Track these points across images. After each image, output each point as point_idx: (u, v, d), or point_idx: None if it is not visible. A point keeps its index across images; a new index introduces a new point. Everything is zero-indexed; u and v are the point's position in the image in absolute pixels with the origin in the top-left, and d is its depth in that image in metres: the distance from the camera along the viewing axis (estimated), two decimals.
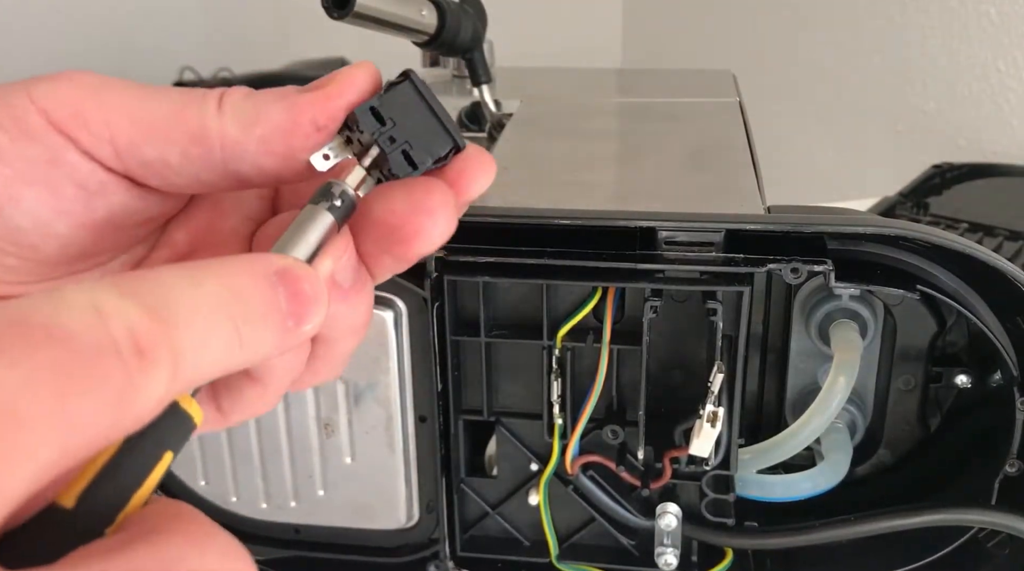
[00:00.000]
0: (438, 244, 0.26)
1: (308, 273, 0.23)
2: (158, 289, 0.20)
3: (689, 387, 0.46)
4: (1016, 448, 0.43)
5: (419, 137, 0.26)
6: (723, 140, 0.58)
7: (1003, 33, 1.12)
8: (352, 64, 0.26)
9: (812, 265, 0.40)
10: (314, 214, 0.25)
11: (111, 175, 0.26)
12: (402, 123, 0.26)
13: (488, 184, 0.28)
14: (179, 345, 0.20)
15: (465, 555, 0.49)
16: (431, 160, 0.26)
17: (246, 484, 0.48)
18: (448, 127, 0.26)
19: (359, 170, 0.26)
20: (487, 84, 0.66)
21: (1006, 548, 0.45)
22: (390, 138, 0.26)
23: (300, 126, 0.26)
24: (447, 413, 0.46)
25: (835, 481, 0.46)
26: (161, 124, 0.26)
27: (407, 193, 0.26)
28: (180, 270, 0.21)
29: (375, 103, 0.26)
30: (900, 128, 1.29)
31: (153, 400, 0.19)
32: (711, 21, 1.75)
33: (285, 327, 0.23)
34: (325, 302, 0.24)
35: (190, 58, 1.71)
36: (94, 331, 0.18)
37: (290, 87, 0.26)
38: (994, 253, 0.39)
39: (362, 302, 0.27)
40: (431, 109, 0.26)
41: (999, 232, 0.83)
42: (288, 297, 0.23)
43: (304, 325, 0.23)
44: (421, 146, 0.26)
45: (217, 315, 0.21)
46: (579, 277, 0.42)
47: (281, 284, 0.23)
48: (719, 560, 0.47)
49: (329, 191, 0.26)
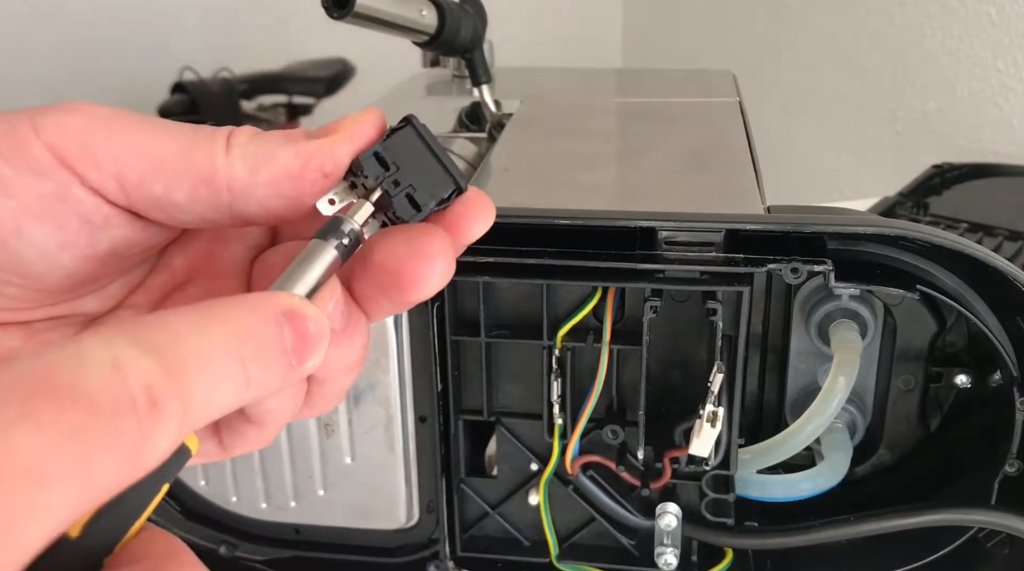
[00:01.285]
0: (436, 290, 0.27)
1: (313, 312, 0.24)
2: (171, 338, 0.21)
3: (689, 387, 0.46)
4: (1016, 448, 0.43)
5: (422, 180, 0.27)
6: (723, 140, 0.58)
7: (1003, 33, 1.12)
8: (359, 110, 0.27)
9: (812, 265, 0.40)
10: (320, 250, 0.26)
11: (115, 209, 0.26)
12: (405, 167, 0.27)
13: (487, 227, 0.28)
14: (190, 393, 0.21)
15: (465, 555, 0.49)
16: (434, 202, 0.27)
17: (246, 484, 0.48)
18: (450, 169, 0.27)
19: (368, 207, 0.27)
20: (487, 84, 0.66)
21: (1006, 548, 0.45)
22: (394, 182, 0.27)
23: (308, 172, 0.26)
24: (447, 413, 0.46)
25: (835, 481, 0.46)
26: (171, 162, 0.26)
27: (408, 239, 0.26)
28: (191, 315, 0.22)
29: (379, 149, 0.27)
30: (900, 128, 1.29)
31: (164, 450, 0.20)
32: (711, 21, 1.75)
33: (289, 365, 0.23)
34: (327, 340, 0.24)
35: (190, 58, 1.71)
36: (114, 389, 0.19)
37: (298, 131, 0.27)
38: (994, 253, 0.39)
39: (356, 342, 0.28)
40: (433, 152, 0.27)
41: (999, 232, 0.83)
42: (294, 336, 0.23)
43: (306, 362, 0.24)
44: (424, 189, 0.27)
45: (226, 358, 0.22)
46: (579, 277, 0.42)
47: (288, 324, 0.23)
48: (719, 560, 0.47)
49: (338, 228, 0.26)
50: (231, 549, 0.50)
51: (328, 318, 0.26)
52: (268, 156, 0.26)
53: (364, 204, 0.27)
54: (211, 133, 0.27)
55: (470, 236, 0.28)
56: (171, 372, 0.20)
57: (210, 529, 0.51)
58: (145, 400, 0.20)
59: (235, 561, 0.51)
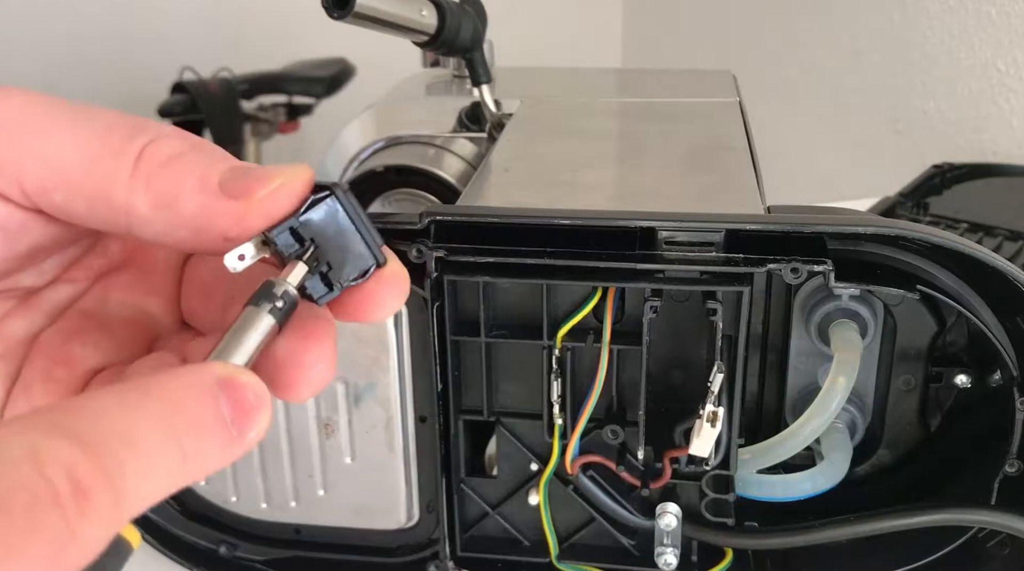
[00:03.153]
0: (314, 393, 0.25)
1: (251, 380, 0.23)
2: (94, 420, 0.20)
3: (689, 387, 0.46)
4: (1016, 448, 0.43)
5: (339, 256, 0.25)
6: (723, 140, 0.58)
7: (1003, 33, 1.12)
8: (283, 174, 0.24)
9: (812, 265, 0.40)
10: (255, 317, 0.24)
11: (28, 213, 0.25)
12: (323, 242, 0.25)
13: (399, 306, 0.26)
14: (120, 477, 0.19)
15: (465, 555, 0.49)
16: (350, 279, 0.26)
17: (246, 484, 0.48)
18: (371, 245, 0.25)
19: (301, 268, 0.25)
20: (487, 84, 0.66)
21: (1006, 548, 0.45)
22: (311, 258, 0.25)
23: (209, 233, 0.24)
24: (447, 413, 0.46)
25: (835, 481, 0.46)
26: (71, 175, 0.24)
27: (286, 339, 0.25)
28: (117, 393, 0.21)
29: (295, 224, 0.25)
30: (900, 128, 1.29)
31: (95, 543, 0.19)
32: (711, 21, 1.75)
33: (230, 437, 0.22)
34: (270, 408, 0.23)
35: (190, 58, 1.71)
36: (32, 484, 0.18)
37: (216, 173, 0.24)
38: (994, 253, 0.39)
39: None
40: (354, 225, 0.25)
41: (999, 232, 0.83)
42: (231, 406, 0.22)
43: (248, 433, 0.22)
44: (340, 267, 0.25)
45: (159, 435, 0.21)
46: (579, 277, 0.42)
47: (224, 394, 0.22)
48: (719, 560, 0.47)
49: (271, 292, 0.25)
50: (231, 549, 0.50)
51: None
52: (172, 199, 0.24)
53: (297, 265, 0.25)
54: (122, 145, 0.24)
55: (378, 316, 0.26)
56: (97, 457, 0.19)
57: (210, 529, 0.51)
58: (69, 491, 0.18)
59: (235, 561, 0.51)
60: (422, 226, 0.42)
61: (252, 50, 1.89)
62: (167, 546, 0.50)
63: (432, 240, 0.43)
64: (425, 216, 0.42)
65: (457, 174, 0.66)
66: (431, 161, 0.67)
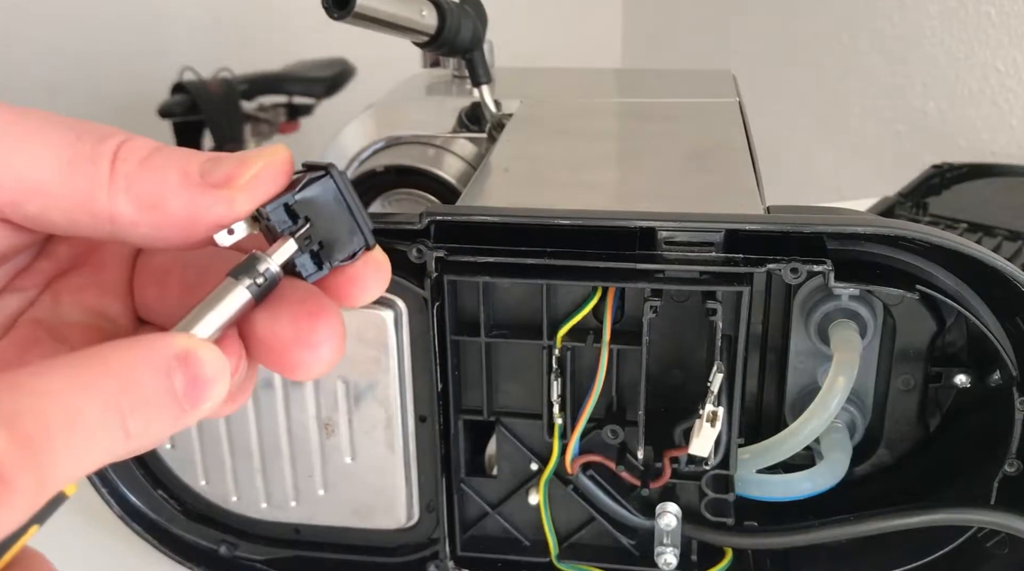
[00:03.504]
0: (323, 373, 0.25)
1: (210, 354, 0.22)
2: (35, 402, 0.19)
3: (689, 387, 0.46)
4: (1016, 448, 0.43)
5: (331, 236, 0.25)
6: (723, 140, 0.58)
7: (1003, 33, 1.12)
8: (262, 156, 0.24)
9: (812, 265, 0.40)
10: (231, 290, 0.24)
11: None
12: (316, 220, 0.25)
13: (380, 292, 0.26)
14: (49, 464, 0.19)
15: (465, 555, 0.49)
16: (339, 260, 0.25)
17: (246, 484, 0.48)
18: (362, 226, 0.25)
19: (291, 245, 0.25)
20: (487, 84, 0.66)
21: (1006, 548, 0.45)
22: (302, 236, 0.25)
23: (198, 226, 0.24)
24: (447, 413, 0.46)
25: (834, 481, 0.46)
26: (48, 186, 0.24)
27: (293, 319, 0.25)
28: (69, 368, 0.20)
29: (290, 200, 0.25)
30: (900, 128, 1.29)
31: (12, 525, 0.19)
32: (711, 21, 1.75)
33: (181, 411, 0.22)
34: (226, 381, 0.23)
35: (190, 58, 1.71)
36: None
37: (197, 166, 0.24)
38: (993, 253, 0.39)
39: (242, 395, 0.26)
40: (348, 207, 0.25)
41: (998, 232, 0.83)
42: (186, 381, 0.22)
43: (201, 406, 0.22)
44: (331, 246, 0.25)
45: (102, 416, 0.20)
46: (579, 277, 0.42)
47: (180, 369, 0.22)
48: (719, 560, 0.47)
49: (253, 267, 0.24)
50: (231, 549, 0.51)
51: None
52: (157, 199, 0.24)
53: (287, 241, 0.25)
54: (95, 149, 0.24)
55: (360, 299, 0.26)
56: (25, 443, 0.19)
57: (210, 529, 0.51)
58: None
59: (235, 561, 0.51)
60: (422, 226, 0.42)
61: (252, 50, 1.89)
62: (167, 546, 0.51)
63: (432, 240, 0.43)
64: (425, 216, 0.42)
65: (457, 174, 0.67)
66: (431, 161, 0.67)
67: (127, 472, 0.50)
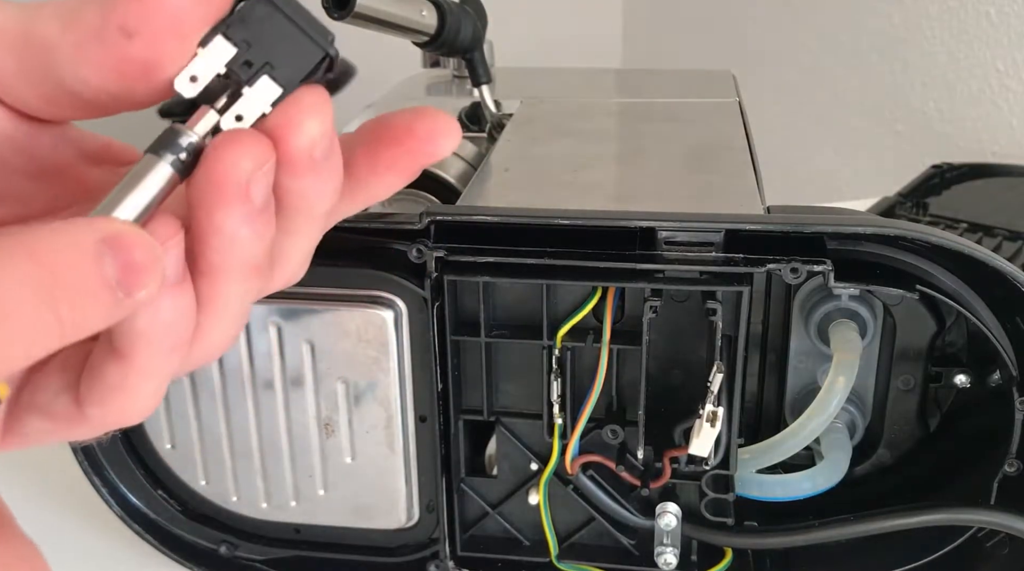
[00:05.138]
0: (450, 148, 0.25)
1: (140, 238, 0.21)
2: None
3: (689, 387, 0.46)
4: (1015, 448, 0.43)
5: (282, 55, 0.23)
6: (723, 140, 0.58)
7: (1003, 33, 1.12)
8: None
9: (811, 265, 0.40)
10: (151, 166, 0.22)
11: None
12: (259, 43, 0.23)
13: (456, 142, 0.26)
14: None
15: (465, 555, 0.49)
16: (300, 76, 0.23)
17: (246, 484, 0.48)
18: (314, 36, 0.23)
19: (212, 115, 0.23)
20: (487, 84, 0.66)
21: (1006, 548, 0.45)
22: (245, 62, 0.23)
23: (108, 31, 0.22)
24: (447, 413, 0.46)
25: (834, 481, 0.46)
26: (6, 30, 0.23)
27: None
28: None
29: (222, 28, 0.23)
30: (900, 128, 1.29)
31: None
32: (711, 21, 1.75)
33: (115, 300, 0.21)
34: (161, 265, 0.22)
35: None
36: None
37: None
38: (993, 253, 0.39)
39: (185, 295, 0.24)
40: (291, 20, 0.23)
41: (998, 232, 0.83)
42: (118, 268, 0.21)
43: (136, 293, 0.21)
44: (286, 64, 0.23)
45: (31, 304, 0.19)
46: (579, 277, 0.42)
47: (109, 253, 0.21)
48: (719, 560, 0.47)
49: (174, 141, 0.23)
50: (231, 549, 0.51)
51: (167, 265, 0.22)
52: (78, 14, 0.22)
53: (208, 112, 0.23)
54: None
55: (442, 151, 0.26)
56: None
57: (210, 529, 0.51)
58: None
59: (235, 560, 0.51)
60: (422, 226, 0.42)
61: None
62: (167, 546, 0.51)
63: (432, 240, 0.43)
64: (425, 216, 0.42)
65: (457, 174, 0.66)
66: None
67: (127, 472, 0.50)
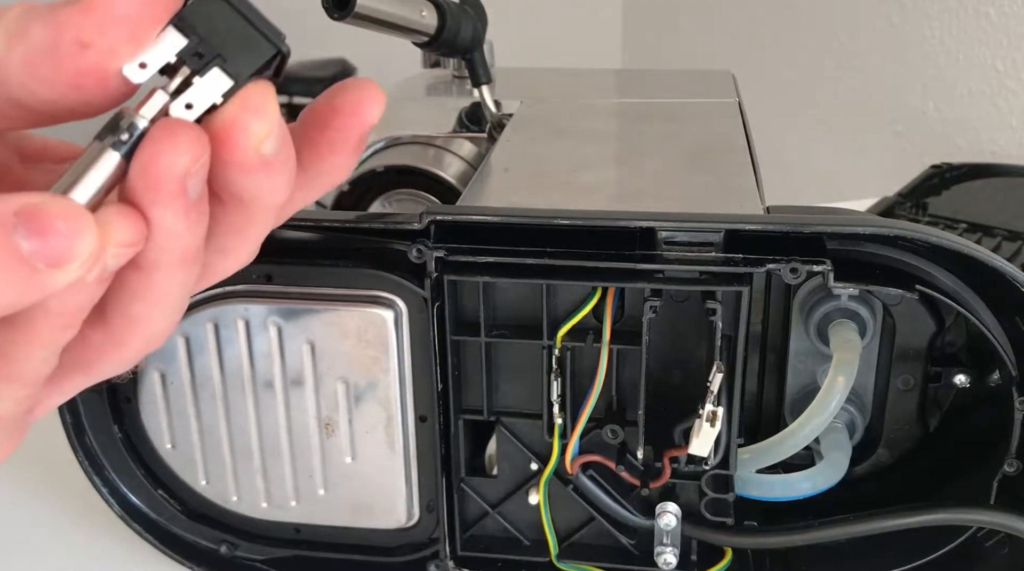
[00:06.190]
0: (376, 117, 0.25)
1: (64, 207, 0.21)
2: None
3: (689, 387, 0.46)
4: (1015, 448, 0.43)
5: (234, 48, 0.23)
6: (723, 140, 0.58)
7: (1002, 33, 1.12)
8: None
9: (811, 265, 0.40)
10: (96, 152, 0.22)
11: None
12: (211, 36, 0.23)
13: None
14: None
15: (465, 555, 0.49)
16: (251, 70, 0.23)
17: (247, 483, 0.48)
18: (266, 33, 0.24)
19: (160, 97, 0.23)
20: (487, 84, 0.66)
21: (1005, 548, 0.45)
22: (197, 55, 0.23)
23: (62, 45, 0.22)
24: (447, 413, 0.46)
25: (834, 480, 0.46)
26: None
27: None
28: None
29: (174, 20, 0.23)
30: (900, 128, 1.29)
31: None
32: (711, 21, 1.75)
33: (33, 270, 0.20)
34: (89, 236, 0.21)
35: None
36: None
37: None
38: (993, 253, 0.39)
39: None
40: (244, 16, 0.23)
41: (998, 232, 0.83)
42: (33, 238, 0.20)
43: (65, 265, 0.21)
44: (237, 57, 0.23)
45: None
46: (579, 277, 0.42)
47: (23, 224, 0.20)
48: (718, 559, 0.47)
49: (117, 124, 0.23)
50: (231, 549, 0.51)
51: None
52: (23, 29, 0.22)
53: (156, 93, 0.23)
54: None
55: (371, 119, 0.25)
56: None
57: (210, 528, 0.51)
58: None
59: (235, 560, 0.51)
60: (422, 226, 0.42)
61: None
62: (168, 545, 0.51)
63: (432, 240, 0.43)
64: (425, 216, 0.42)
65: (457, 174, 0.67)
66: (431, 161, 0.67)
67: (127, 472, 0.50)
